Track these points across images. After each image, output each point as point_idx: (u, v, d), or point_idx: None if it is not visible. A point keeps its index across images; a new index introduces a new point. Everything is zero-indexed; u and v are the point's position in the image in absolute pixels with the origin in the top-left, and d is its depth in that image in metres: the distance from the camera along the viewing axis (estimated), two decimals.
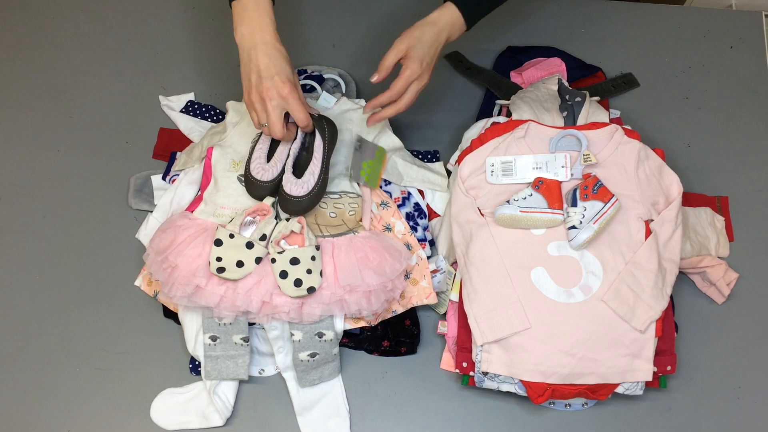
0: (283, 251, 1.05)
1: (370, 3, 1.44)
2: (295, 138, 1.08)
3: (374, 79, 1.06)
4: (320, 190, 1.07)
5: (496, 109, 1.28)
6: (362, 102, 1.23)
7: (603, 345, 1.04)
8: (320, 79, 1.28)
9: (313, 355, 1.07)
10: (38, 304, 1.16)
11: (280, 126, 1.01)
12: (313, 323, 1.06)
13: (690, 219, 1.19)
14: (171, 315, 1.13)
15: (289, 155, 1.08)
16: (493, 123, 1.20)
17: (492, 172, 1.14)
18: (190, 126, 1.28)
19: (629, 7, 1.44)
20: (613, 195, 1.09)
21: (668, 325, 1.08)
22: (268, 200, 1.10)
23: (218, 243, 1.05)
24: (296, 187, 1.06)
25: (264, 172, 1.08)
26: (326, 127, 1.09)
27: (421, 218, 1.18)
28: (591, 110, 1.18)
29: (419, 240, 1.15)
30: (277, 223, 1.08)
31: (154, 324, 1.14)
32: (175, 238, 1.06)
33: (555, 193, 1.10)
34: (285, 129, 1.02)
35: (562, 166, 1.13)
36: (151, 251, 1.08)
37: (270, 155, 1.10)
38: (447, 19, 1.08)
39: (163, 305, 1.14)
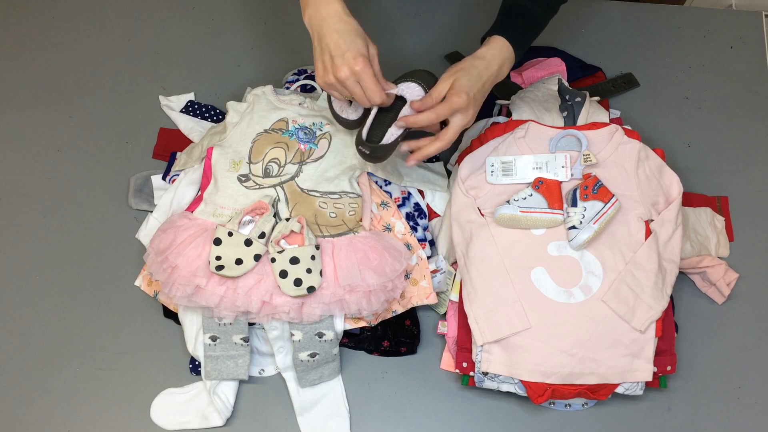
0: (283, 251, 1.05)
1: (370, 3, 1.44)
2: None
3: (416, 106, 1.01)
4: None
5: (496, 109, 1.28)
6: None
7: (603, 345, 1.04)
8: None
9: (313, 355, 1.07)
10: (38, 304, 1.16)
11: (374, 91, 0.97)
12: (313, 323, 1.06)
13: (690, 219, 1.19)
14: (171, 315, 1.13)
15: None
16: (493, 123, 1.20)
17: (492, 172, 1.14)
18: (190, 126, 1.28)
19: (629, 7, 1.44)
20: (613, 195, 1.09)
21: (668, 325, 1.08)
22: (267, 199, 1.11)
23: (217, 242, 1.05)
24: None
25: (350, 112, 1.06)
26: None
27: (421, 218, 1.18)
28: (591, 110, 1.18)
29: (419, 240, 1.15)
30: (276, 221, 1.08)
31: (154, 324, 1.15)
32: (175, 238, 1.06)
33: (555, 193, 1.10)
34: (382, 93, 0.98)
35: (562, 166, 1.13)
36: (152, 251, 1.08)
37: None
38: (495, 52, 1.03)
39: (163, 305, 1.14)
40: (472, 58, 1.04)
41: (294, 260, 1.04)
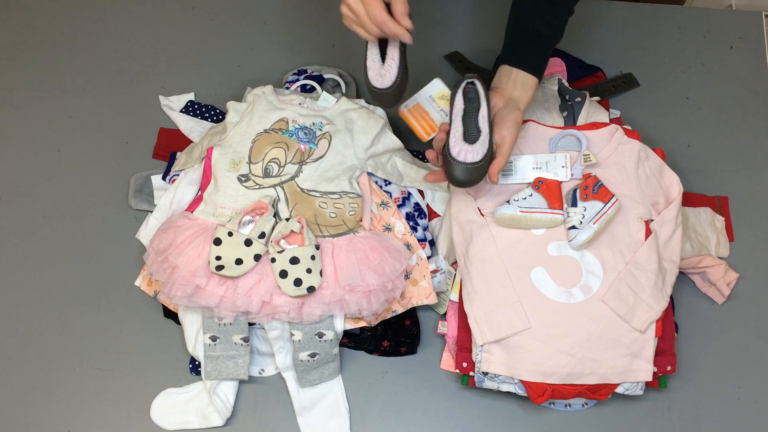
0: (283, 250, 1.05)
1: None
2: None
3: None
4: (402, 79, 1.03)
5: None
6: (362, 102, 1.23)
7: (603, 345, 1.04)
8: (320, 79, 1.28)
9: (313, 355, 1.07)
10: (38, 304, 1.16)
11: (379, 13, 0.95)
12: (313, 323, 1.06)
13: (690, 219, 1.19)
14: (171, 315, 1.13)
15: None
16: None
17: None
18: (190, 126, 1.28)
19: (629, 7, 1.44)
20: (613, 195, 1.09)
21: (668, 325, 1.08)
22: (267, 199, 1.11)
23: (217, 242, 1.05)
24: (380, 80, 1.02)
25: (381, 78, 1.03)
26: None
27: (421, 218, 1.18)
28: (591, 110, 1.18)
29: (419, 240, 1.15)
30: (276, 221, 1.08)
31: (154, 324, 1.15)
32: (175, 238, 1.06)
33: (555, 193, 1.10)
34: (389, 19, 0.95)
35: (562, 166, 1.13)
36: (152, 251, 1.08)
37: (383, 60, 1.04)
38: (531, 99, 1.08)
39: (163, 305, 1.14)
40: (515, 109, 1.05)
41: (294, 260, 1.04)
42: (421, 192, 1.20)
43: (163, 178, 1.21)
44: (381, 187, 1.17)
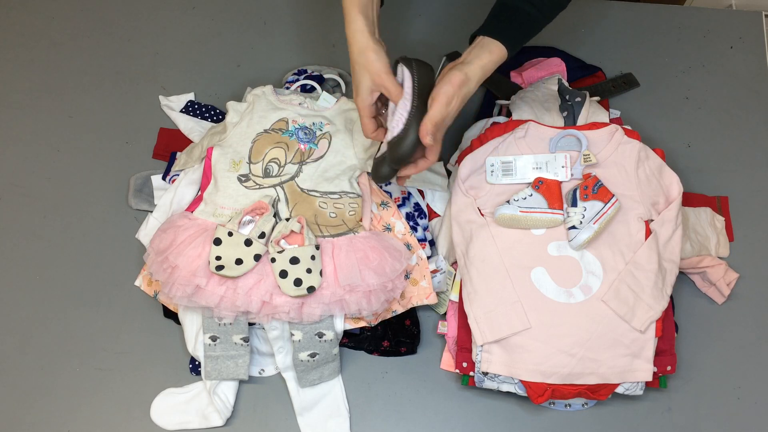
0: (283, 250, 1.05)
1: None
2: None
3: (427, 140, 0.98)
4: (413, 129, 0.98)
5: (496, 109, 1.28)
6: None
7: (603, 345, 1.04)
8: (320, 79, 1.28)
9: (313, 355, 1.07)
10: (38, 304, 1.16)
11: (370, 127, 1.03)
12: (313, 323, 1.06)
13: (690, 219, 1.19)
14: (171, 315, 1.13)
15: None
16: (493, 123, 1.20)
17: (492, 172, 1.14)
18: (190, 126, 1.28)
19: (629, 7, 1.44)
20: (613, 195, 1.09)
21: (668, 325, 1.08)
22: (267, 199, 1.11)
23: (217, 242, 1.05)
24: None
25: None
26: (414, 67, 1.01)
27: (421, 218, 1.18)
28: (591, 110, 1.18)
29: (419, 240, 1.15)
30: (276, 221, 1.08)
31: (154, 324, 1.15)
32: (175, 238, 1.06)
33: (555, 193, 1.10)
34: (369, 134, 1.03)
35: (562, 166, 1.13)
36: (152, 251, 1.08)
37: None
38: (495, 63, 1.02)
39: (163, 305, 1.14)
40: (468, 76, 0.99)
41: (294, 260, 1.04)
42: (421, 192, 1.20)
43: (163, 178, 1.21)
44: (381, 187, 1.17)
